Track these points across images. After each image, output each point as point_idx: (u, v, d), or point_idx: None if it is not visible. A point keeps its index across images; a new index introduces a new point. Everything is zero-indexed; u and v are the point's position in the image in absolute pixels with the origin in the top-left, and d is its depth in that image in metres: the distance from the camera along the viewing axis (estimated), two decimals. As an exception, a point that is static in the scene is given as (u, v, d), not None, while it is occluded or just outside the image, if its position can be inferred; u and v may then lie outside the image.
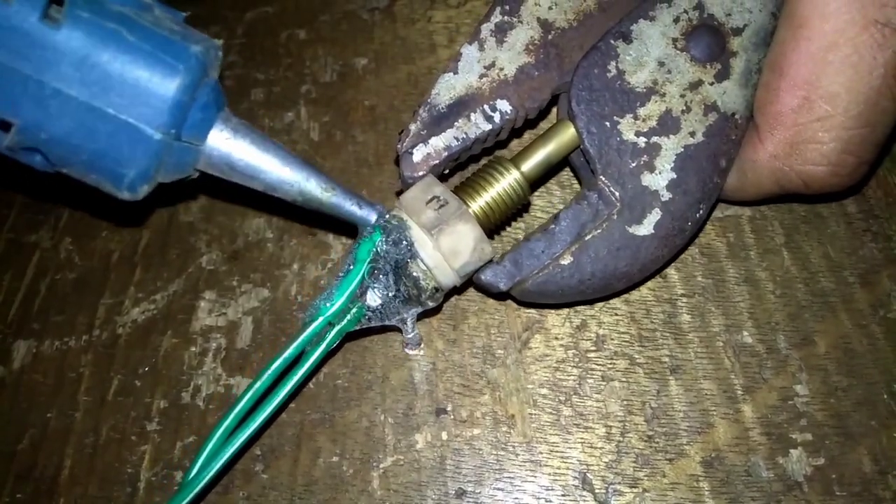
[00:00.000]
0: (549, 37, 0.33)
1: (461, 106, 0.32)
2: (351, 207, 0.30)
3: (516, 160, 0.32)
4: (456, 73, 0.33)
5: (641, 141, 0.31)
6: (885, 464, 0.30)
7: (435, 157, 0.32)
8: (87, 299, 0.38)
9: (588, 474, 0.31)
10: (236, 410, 0.29)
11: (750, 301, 0.34)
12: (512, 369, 0.33)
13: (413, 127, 0.32)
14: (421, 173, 0.32)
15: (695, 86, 0.31)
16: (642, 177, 0.31)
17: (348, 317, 0.30)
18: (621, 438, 0.31)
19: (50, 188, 0.42)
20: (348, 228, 0.32)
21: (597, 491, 0.30)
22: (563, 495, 0.30)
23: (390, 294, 0.30)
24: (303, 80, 0.45)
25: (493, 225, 0.32)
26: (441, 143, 0.32)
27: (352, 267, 0.30)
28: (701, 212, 0.32)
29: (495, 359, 0.34)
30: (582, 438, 0.31)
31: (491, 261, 0.31)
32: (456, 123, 0.32)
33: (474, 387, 0.33)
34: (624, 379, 0.33)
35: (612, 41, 0.32)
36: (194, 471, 0.28)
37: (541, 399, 0.32)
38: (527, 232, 0.34)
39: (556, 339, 0.34)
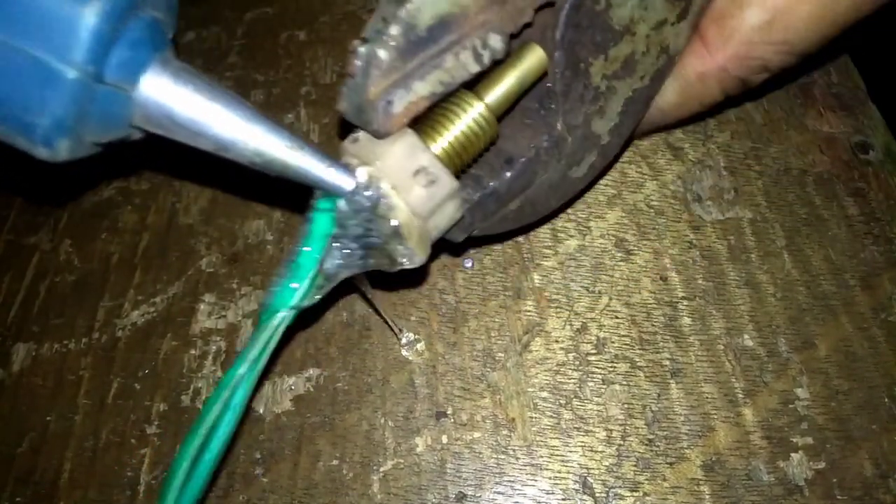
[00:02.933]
0: None
1: (443, 30, 0.25)
2: (321, 172, 0.24)
3: (480, 92, 0.27)
4: None
5: (604, 84, 0.29)
6: (887, 468, 0.30)
7: (417, 107, 0.25)
8: (87, 302, 0.38)
9: (588, 478, 0.31)
10: (206, 422, 0.25)
11: (751, 304, 0.34)
12: (512, 372, 0.33)
13: (383, 54, 0.24)
14: (398, 127, 0.25)
15: (659, 25, 0.29)
16: (592, 122, 0.30)
17: (306, 300, 0.26)
18: (622, 442, 0.31)
19: (50, 189, 0.42)
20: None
21: (597, 495, 0.30)
22: (563, 499, 0.30)
23: (353, 260, 0.26)
24: (303, 81, 0.45)
25: (462, 166, 0.28)
26: (425, 89, 0.25)
27: (306, 247, 0.25)
28: (622, 149, 0.32)
29: (495, 362, 0.34)
30: (582, 442, 0.31)
31: None
32: (444, 65, 0.25)
33: (474, 390, 0.33)
34: (624, 382, 0.32)
35: None
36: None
37: (541, 402, 0.32)
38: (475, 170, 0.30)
39: (557, 342, 0.34)
